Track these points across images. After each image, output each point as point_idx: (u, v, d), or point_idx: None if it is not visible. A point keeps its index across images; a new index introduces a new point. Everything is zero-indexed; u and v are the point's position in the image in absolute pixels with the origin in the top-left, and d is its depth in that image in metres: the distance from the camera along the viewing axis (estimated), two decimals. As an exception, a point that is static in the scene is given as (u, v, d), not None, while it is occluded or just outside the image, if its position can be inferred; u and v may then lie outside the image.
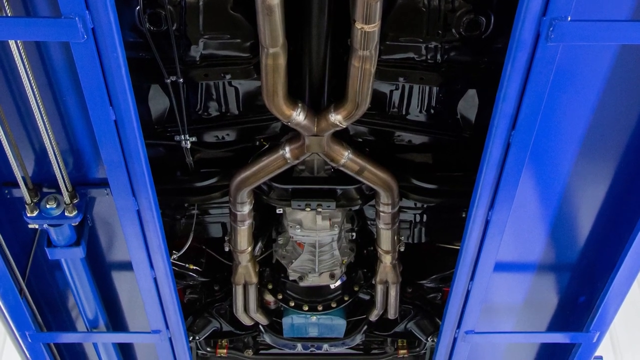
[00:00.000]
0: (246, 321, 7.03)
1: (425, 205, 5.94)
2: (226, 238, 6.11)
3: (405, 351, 7.80)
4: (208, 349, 7.82)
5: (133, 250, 4.95)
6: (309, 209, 5.48)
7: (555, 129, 4.23)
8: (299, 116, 4.58)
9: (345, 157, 5.00)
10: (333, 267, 6.37)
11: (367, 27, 3.82)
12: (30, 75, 3.79)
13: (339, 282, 6.68)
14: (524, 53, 3.61)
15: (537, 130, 4.01)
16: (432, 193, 5.51)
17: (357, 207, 5.80)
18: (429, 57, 4.69)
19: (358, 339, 7.45)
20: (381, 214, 5.60)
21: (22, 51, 3.69)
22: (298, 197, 5.47)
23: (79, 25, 3.39)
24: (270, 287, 6.81)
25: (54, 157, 4.28)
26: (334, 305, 6.81)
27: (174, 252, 5.87)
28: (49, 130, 4.12)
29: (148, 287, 5.29)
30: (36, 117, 4.00)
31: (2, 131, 4.09)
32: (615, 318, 5.52)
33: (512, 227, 4.80)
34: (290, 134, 5.10)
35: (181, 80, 4.57)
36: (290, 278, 6.53)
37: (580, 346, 5.83)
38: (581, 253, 5.23)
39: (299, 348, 7.50)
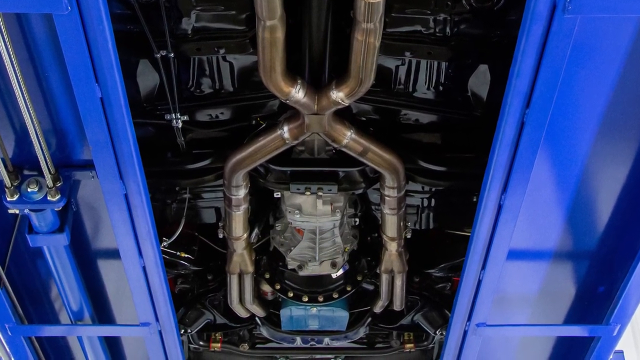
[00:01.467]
0: (242, 313, 7.07)
1: (433, 189, 5.97)
2: (220, 224, 6.15)
3: (411, 345, 7.83)
4: (201, 343, 7.87)
5: (120, 237, 4.99)
6: (308, 193, 5.51)
7: (572, 107, 4.26)
8: (298, 93, 4.60)
9: (348, 137, 5.03)
10: (335, 255, 6.41)
11: (371, -2, 3.84)
12: (10, 50, 3.79)
13: (341, 271, 6.71)
14: (539, 26, 3.63)
15: (553, 109, 4.03)
16: (441, 176, 5.54)
17: (360, 191, 5.82)
18: (437, 30, 4.71)
19: (361, 332, 7.51)
20: (386, 198, 5.63)
21: (1, 24, 3.69)
22: (297, 180, 5.50)
23: (62, -4, 3.41)
24: (267, 276, 6.85)
25: (35, 137, 4.29)
26: (335, 296, 6.85)
27: (164, 239, 5.90)
28: (30, 109, 4.13)
29: (136, 276, 5.32)
30: (17, 94, 4.01)
31: (-20, 110, 4.12)
32: (637, 310, 5.56)
33: (526, 212, 4.83)
34: (288, 112, 5.12)
35: (172, 55, 4.60)
36: (289, 267, 6.57)
37: (600, 340, 5.87)
38: (600, 240, 5.27)
39: (298, 342, 7.55)
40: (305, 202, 5.75)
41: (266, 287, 7.01)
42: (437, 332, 7.11)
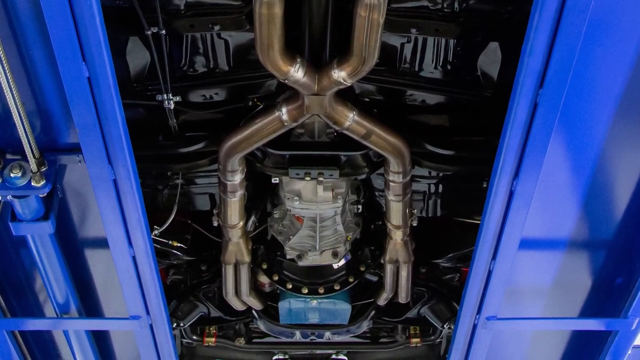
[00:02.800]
0: (237, 305, 7.09)
1: (440, 174, 5.99)
2: (215, 211, 6.15)
3: (418, 340, 7.86)
4: (194, 337, 7.90)
5: (109, 225, 5.01)
6: (308, 178, 5.52)
7: (588, 87, 4.26)
8: (297, 73, 4.60)
9: (350, 119, 5.03)
10: (336, 244, 6.42)
11: (374, -29, 3.85)
12: (-9, 27, 3.82)
13: (342, 262, 6.72)
14: (554, 0, 3.63)
15: (568, 89, 4.05)
16: (449, 160, 5.55)
17: (363, 176, 5.83)
18: (445, 5, 4.72)
19: (364, 325, 7.52)
20: (391, 184, 5.64)
21: (-18, -1, 3.72)
22: (296, 165, 5.51)
23: (47, -31, 3.42)
24: (264, 267, 6.86)
25: (19, 119, 4.30)
26: (337, 287, 6.86)
27: (155, 227, 5.92)
28: (13, 89, 4.13)
29: (126, 267, 5.34)
30: (-1, 73, 4.04)
31: (-40, 90, 4.12)
32: (657, 302, 5.59)
33: (539, 199, 4.85)
34: (287, 92, 5.13)
35: (163, 31, 4.60)
36: (288, 257, 6.58)
37: (617, 334, 5.90)
38: (618, 228, 5.28)
39: (298, 336, 7.57)
40: (304, 188, 5.76)
41: (263, 278, 7.02)
42: (444, 325, 7.13)
